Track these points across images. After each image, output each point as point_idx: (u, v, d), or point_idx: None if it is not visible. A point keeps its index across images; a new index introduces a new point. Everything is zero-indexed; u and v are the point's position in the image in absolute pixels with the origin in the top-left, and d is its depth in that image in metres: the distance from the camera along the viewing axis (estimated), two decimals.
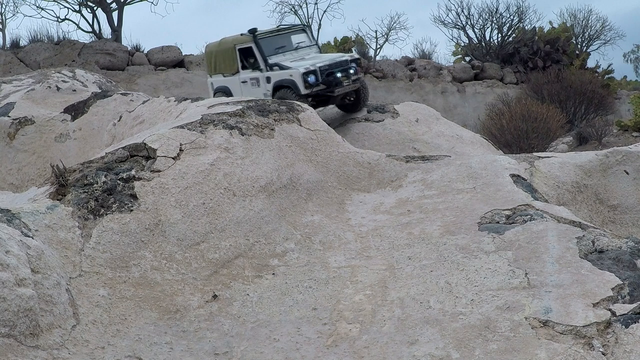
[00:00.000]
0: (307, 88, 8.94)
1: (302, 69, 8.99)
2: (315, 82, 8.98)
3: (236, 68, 10.07)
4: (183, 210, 4.47)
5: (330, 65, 9.21)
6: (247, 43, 9.81)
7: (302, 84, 8.94)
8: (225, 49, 10.31)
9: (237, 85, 10.11)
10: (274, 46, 9.89)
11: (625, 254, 3.91)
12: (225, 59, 10.31)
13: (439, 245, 4.46)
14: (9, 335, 2.99)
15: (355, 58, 9.73)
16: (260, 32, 9.86)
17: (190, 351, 3.50)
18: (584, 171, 6.36)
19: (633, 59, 34.03)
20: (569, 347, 3.16)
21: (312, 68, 9.05)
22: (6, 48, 18.53)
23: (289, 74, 9.18)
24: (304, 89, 8.94)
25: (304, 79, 8.96)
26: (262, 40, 9.77)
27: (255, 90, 9.66)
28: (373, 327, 3.63)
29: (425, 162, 6.26)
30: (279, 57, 9.74)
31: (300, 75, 8.98)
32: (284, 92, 9.12)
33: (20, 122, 9.04)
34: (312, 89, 8.98)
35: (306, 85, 8.95)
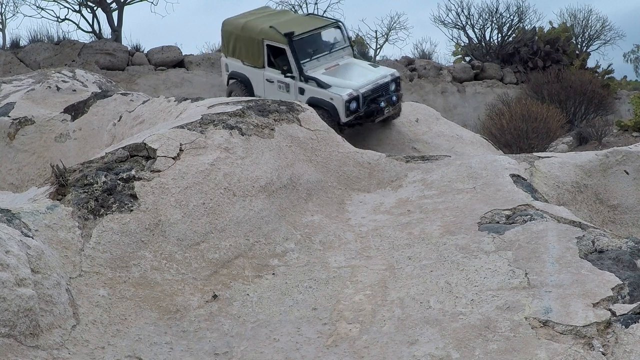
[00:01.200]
0: (348, 116, 8.21)
1: (346, 95, 8.18)
2: (356, 108, 8.27)
3: (262, 63, 9.16)
4: (183, 210, 4.47)
5: (373, 89, 8.46)
6: (280, 43, 8.90)
7: (343, 111, 8.16)
8: (250, 37, 9.32)
9: (260, 80, 9.22)
10: (309, 48, 9.06)
11: (625, 254, 3.92)
12: (249, 47, 9.35)
13: (439, 245, 4.46)
14: (9, 335, 2.99)
15: (397, 77, 8.92)
16: (297, 35, 8.95)
17: (190, 351, 3.50)
18: (584, 171, 6.36)
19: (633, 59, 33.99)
20: (569, 347, 3.16)
21: (355, 94, 8.28)
22: (6, 48, 18.52)
23: (329, 96, 8.33)
24: (345, 117, 8.19)
25: (346, 106, 8.18)
26: (297, 42, 8.89)
27: (282, 95, 8.81)
28: (373, 327, 3.63)
29: (425, 162, 6.26)
30: (313, 63, 8.86)
31: (343, 102, 8.17)
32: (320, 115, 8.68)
33: (20, 122, 9.03)
34: (352, 116, 8.26)
35: (347, 113, 8.19)
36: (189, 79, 18.38)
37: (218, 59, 19.18)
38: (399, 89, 8.90)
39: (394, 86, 8.75)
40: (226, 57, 9.88)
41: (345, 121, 8.23)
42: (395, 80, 8.85)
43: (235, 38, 9.54)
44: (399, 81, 8.98)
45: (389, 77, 8.75)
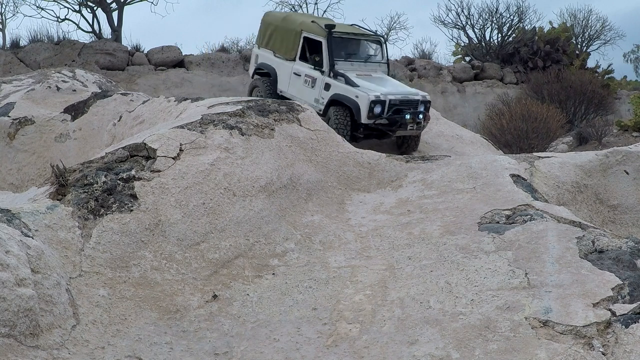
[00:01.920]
0: (370, 118, 7.92)
1: (372, 96, 7.90)
2: (379, 113, 7.95)
3: (294, 55, 8.91)
4: (183, 210, 4.47)
5: (401, 100, 8.10)
6: (318, 36, 8.63)
7: (366, 111, 7.87)
8: (289, 28, 9.11)
9: (287, 73, 8.95)
10: (345, 50, 8.80)
11: (625, 254, 3.91)
12: (285, 38, 9.11)
13: (439, 245, 4.47)
14: (9, 335, 2.99)
15: (428, 100, 8.50)
16: (337, 31, 8.72)
17: (190, 351, 3.50)
18: (584, 171, 6.36)
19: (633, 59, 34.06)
20: (569, 347, 3.16)
21: (382, 98, 7.97)
22: (6, 48, 18.52)
23: (354, 94, 8.04)
24: (366, 117, 7.91)
25: (370, 107, 7.88)
26: (336, 39, 8.65)
27: (305, 90, 8.63)
28: (373, 327, 3.63)
29: (425, 162, 6.26)
30: (346, 65, 8.64)
31: (367, 102, 7.87)
32: (338, 113, 8.12)
33: (20, 122, 9.03)
34: (373, 120, 7.96)
35: (369, 114, 7.90)
36: (189, 79, 18.38)
37: (218, 59, 19.23)
38: (427, 112, 8.44)
39: (423, 107, 8.33)
40: (259, 48, 9.66)
41: (366, 122, 7.93)
42: (426, 102, 8.43)
43: (274, 28, 9.36)
44: (429, 105, 8.53)
45: (419, 97, 8.37)
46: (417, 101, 8.26)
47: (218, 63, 18.99)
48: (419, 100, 8.30)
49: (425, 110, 8.38)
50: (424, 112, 8.23)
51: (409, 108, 8.10)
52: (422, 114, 8.19)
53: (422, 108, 8.25)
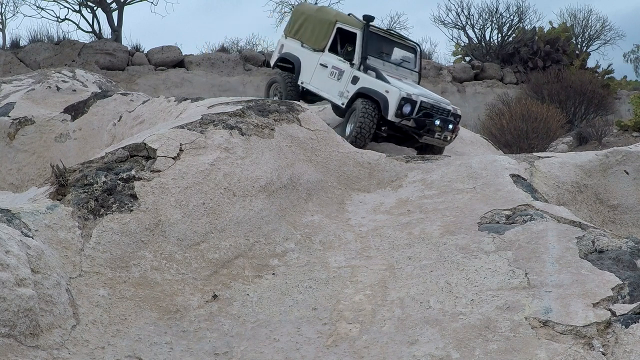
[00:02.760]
0: (397, 116, 7.42)
1: (404, 92, 7.43)
2: (408, 113, 7.46)
3: (324, 45, 8.37)
4: (183, 210, 4.47)
5: (433, 106, 7.64)
6: (354, 27, 8.18)
7: (394, 108, 7.37)
8: (323, 18, 8.65)
9: (313, 64, 8.44)
10: (378, 48, 8.37)
11: (625, 254, 3.91)
12: (316, 28, 8.63)
13: (439, 245, 4.47)
14: (9, 335, 2.99)
15: (458, 114, 8.04)
16: (374, 26, 8.29)
17: (190, 351, 3.50)
18: (584, 171, 6.36)
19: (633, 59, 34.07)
20: (569, 347, 3.16)
21: (414, 98, 7.49)
22: (6, 48, 18.53)
23: (385, 88, 7.56)
24: (394, 115, 7.40)
25: (399, 104, 7.38)
26: (371, 35, 8.18)
27: (330, 82, 8.15)
28: (373, 327, 3.63)
29: (425, 162, 6.26)
30: (377, 63, 8.20)
31: (398, 98, 7.37)
32: (367, 105, 7.57)
33: (20, 122, 9.03)
34: (400, 120, 7.46)
35: (398, 112, 7.40)
36: (189, 79, 18.38)
37: (218, 59, 19.23)
38: (456, 129, 7.94)
39: (453, 119, 7.84)
40: (285, 38, 9.19)
41: (392, 120, 7.43)
42: (456, 115, 7.95)
43: (305, 18, 8.92)
44: (459, 120, 8.02)
45: (451, 107, 7.92)
46: (449, 111, 7.83)
47: (218, 63, 18.99)
48: (451, 110, 7.88)
49: (455, 123, 7.88)
50: (454, 123, 7.78)
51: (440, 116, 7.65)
52: (453, 124, 7.72)
53: (452, 119, 7.79)
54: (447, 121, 7.69)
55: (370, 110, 7.53)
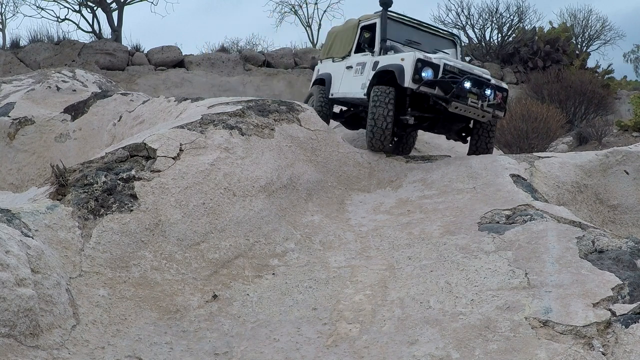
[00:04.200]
0: (415, 82, 6.18)
1: (421, 55, 6.31)
2: (430, 79, 6.21)
3: (349, 49, 7.60)
4: (183, 210, 4.47)
5: (461, 70, 6.39)
6: (373, 19, 7.33)
7: (410, 72, 6.18)
8: (348, 27, 7.96)
9: (340, 72, 7.67)
10: (404, 36, 7.35)
11: (625, 254, 3.91)
12: (344, 38, 7.94)
13: (439, 245, 4.47)
14: (9, 335, 2.99)
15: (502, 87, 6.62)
16: (394, 12, 7.41)
17: (190, 351, 3.49)
18: (584, 171, 6.37)
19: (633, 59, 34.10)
20: (569, 347, 3.16)
21: (435, 60, 6.32)
22: (6, 48, 18.53)
23: (401, 57, 6.45)
24: (411, 81, 6.18)
25: (416, 68, 6.19)
26: (392, 20, 7.30)
27: (354, 80, 7.24)
28: (373, 327, 3.63)
29: (425, 162, 6.26)
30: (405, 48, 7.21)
31: (413, 61, 6.21)
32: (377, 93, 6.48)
33: (20, 122, 9.03)
34: (420, 85, 6.17)
35: (416, 77, 6.18)
36: (189, 79, 18.38)
37: (218, 58, 19.23)
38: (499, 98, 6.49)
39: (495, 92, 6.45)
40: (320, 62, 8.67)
41: (409, 87, 6.22)
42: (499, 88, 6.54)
43: (335, 36, 8.42)
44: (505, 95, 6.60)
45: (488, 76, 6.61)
46: (487, 80, 6.45)
47: (218, 63, 18.98)
48: (489, 80, 6.49)
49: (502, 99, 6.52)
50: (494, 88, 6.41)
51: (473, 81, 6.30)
52: (492, 90, 6.37)
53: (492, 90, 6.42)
54: (483, 84, 6.33)
55: (383, 95, 6.44)
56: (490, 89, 6.37)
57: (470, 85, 6.26)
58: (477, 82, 6.30)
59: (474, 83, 6.28)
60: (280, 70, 19.22)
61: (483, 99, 6.31)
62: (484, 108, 6.34)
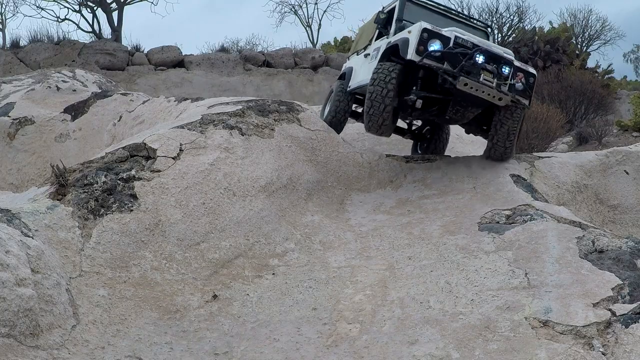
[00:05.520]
0: (420, 53, 5.46)
1: (428, 25, 5.59)
2: (438, 51, 5.47)
3: (371, 40, 6.94)
4: (183, 210, 4.47)
5: (475, 44, 5.56)
6: (394, 3, 6.69)
7: (415, 43, 5.48)
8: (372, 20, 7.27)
9: (360, 64, 7.05)
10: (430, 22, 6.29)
11: (625, 254, 3.92)
12: (367, 30, 7.37)
13: (439, 245, 4.47)
14: (9, 335, 2.99)
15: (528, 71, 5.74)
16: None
17: (190, 351, 3.49)
18: (584, 171, 6.37)
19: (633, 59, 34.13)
20: (569, 347, 3.16)
21: (445, 32, 5.58)
22: (6, 48, 18.53)
23: (408, 30, 5.78)
24: (415, 52, 5.47)
25: (422, 39, 5.48)
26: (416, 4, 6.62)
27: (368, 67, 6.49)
28: (373, 327, 3.63)
29: (425, 162, 6.26)
30: None
31: (418, 33, 5.52)
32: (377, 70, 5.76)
33: (20, 122, 9.04)
34: (424, 57, 5.44)
35: (420, 49, 5.46)
36: (189, 79, 18.38)
37: (218, 59, 19.23)
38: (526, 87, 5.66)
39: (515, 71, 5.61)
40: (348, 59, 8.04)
41: (413, 58, 5.48)
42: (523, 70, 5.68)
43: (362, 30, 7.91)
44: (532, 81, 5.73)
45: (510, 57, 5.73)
46: (504, 58, 5.62)
47: (218, 63, 18.99)
48: (511, 60, 5.66)
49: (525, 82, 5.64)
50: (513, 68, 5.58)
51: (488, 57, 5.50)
52: (510, 68, 5.55)
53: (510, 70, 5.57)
54: (500, 61, 5.52)
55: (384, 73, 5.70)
56: (508, 67, 5.54)
57: (484, 59, 5.44)
58: (492, 57, 5.48)
59: (488, 58, 5.46)
60: (280, 70, 19.22)
61: (499, 78, 5.47)
62: (500, 88, 5.47)
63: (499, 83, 5.45)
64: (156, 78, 18.19)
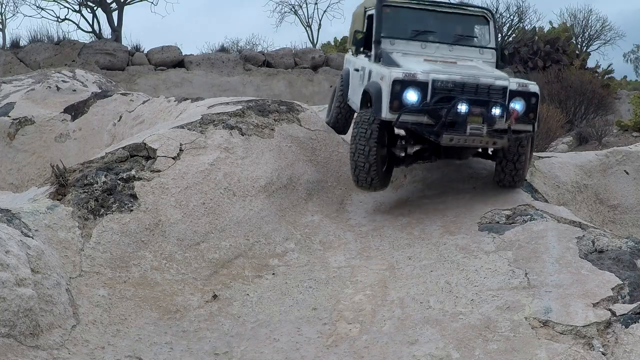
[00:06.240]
0: (394, 110, 4.72)
1: (400, 73, 4.77)
2: (416, 104, 4.73)
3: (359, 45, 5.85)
4: (183, 210, 4.47)
5: (456, 83, 4.75)
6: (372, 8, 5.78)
7: (387, 98, 4.74)
8: (358, 12, 6.35)
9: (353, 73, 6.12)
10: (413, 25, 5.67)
11: (625, 254, 3.92)
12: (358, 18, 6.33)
13: (439, 245, 4.47)
14: (9, 335, 2.99)
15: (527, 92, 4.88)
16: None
17: (190, 351, 3.49)
18: (584, 171, 6.37)
19: (633, 59, 34.14)
20: (569, 347, 3.16)
21: (421, 77, 4.75)
22: (6, 48, 18.52)
23: (381, 75, 4.96)
24: (387, 110, 4.74)
25: (393, 91, 4.72)
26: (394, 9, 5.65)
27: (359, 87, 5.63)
28: (373, 327, 3.63)
29: (425, 162, 6.25)
30: (413, 46, 5.54)
31: (389, 84, 4.74)
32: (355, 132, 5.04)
33: (20, 122, 9.03)
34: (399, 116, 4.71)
35: (394, 104, 4.72)
36: (189, 79, 18.36)
37: (218, 59, 19.23)
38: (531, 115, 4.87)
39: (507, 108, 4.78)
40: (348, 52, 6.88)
41: (389, 118, 4.79)
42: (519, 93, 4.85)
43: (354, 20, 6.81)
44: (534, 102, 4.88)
45: (503, 82, 4.84)
46: (497, 88, 4.79)
47: (218, 63, 18.97)
48: (501, 87, 4.81)
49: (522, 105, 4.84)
50: (503, 107, 4.76)
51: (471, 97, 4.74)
52: (502, 108, 4.75)
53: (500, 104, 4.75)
54: (485, 103, 4.72)
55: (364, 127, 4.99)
56: (499, 107, 4.74)
57: (467, 108, 4.68)
58: (477, 101, 4.73)
59: (472, 103, 4.70)
60: (280, 70, 19.20)
61: (490, 122, 4.73)
62: (492, 134, 4.76)
63: (490, 130, 4.75)
64: (156, 78, 18.17)
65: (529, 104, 4.88)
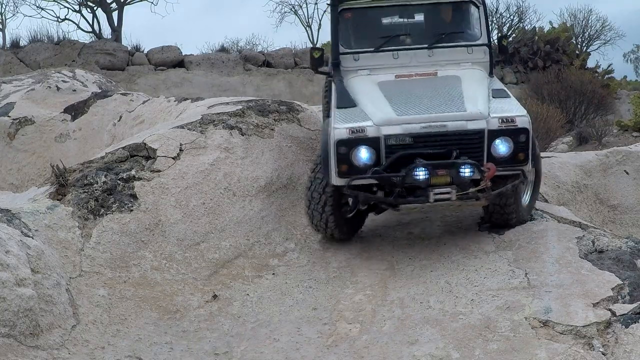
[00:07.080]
0: (343, 175, 4.02)
1: (344, 130, 3.98)
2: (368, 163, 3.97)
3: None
4: (183, 210, 4.47)
5: (415, 137, 3.92)
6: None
7: (334, 163, 4.02)
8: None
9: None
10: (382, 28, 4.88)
11: (625, 254, 3.92)
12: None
13: (439, 245, 4.47)
14: (9, 335, 2.99)
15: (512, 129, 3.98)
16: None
17: (190, 351, 3.50)
18: (584, 171, 6.37)
19: (633, 59, 34.13)
20: (569, 347, 3.16)
21: (370, 133, 3.95)
22: (6, 48, 18.52)
23: (326, 130, 4.24)
24: (336, 175, 4.04)
25: (339, 153, 3.99)
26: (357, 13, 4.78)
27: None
28: (373, 327, 3.63)
29: None
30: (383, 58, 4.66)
31: (333, 145, 4.01)
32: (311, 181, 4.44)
33: (20, 122, 9.02)
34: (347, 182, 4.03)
35: (341, 168, 4.00)
36: (189, 79, 18.36)
37: (218, 59, 19.23)
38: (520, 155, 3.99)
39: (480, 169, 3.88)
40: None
41: (338, 184, 4.09)
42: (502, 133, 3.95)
43: None
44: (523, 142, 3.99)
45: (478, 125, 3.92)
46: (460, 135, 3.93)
47: (218, 63, 18.97)
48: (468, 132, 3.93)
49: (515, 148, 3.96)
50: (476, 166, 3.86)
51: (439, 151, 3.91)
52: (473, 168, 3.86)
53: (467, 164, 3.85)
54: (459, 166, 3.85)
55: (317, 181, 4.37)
56: (469, 167, 3.83)
57: (426, 173, 3.81)
58: (443, 157, 3.87)
59: (435, 164, 3.83)
60: (280, 70, 19.20)
61: (461, 185, 3.86)
62: (464, 198, 3.90)
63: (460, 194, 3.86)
64: (156, 78, 18.17)
65: (517, 143, 3.94)
